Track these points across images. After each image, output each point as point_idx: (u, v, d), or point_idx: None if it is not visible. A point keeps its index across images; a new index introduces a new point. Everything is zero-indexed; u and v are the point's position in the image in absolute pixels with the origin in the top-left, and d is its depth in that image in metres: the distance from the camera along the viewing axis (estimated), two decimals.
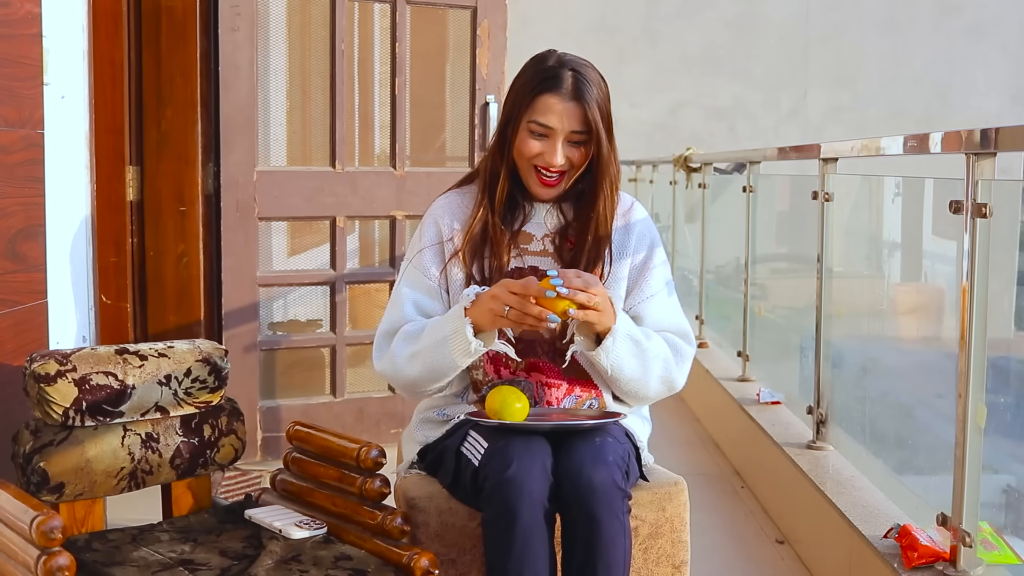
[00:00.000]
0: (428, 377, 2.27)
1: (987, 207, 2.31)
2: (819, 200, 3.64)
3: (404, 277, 2.40)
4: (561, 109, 2.26)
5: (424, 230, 2.41)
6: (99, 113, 3.44)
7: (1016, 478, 3.86)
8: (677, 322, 2.39)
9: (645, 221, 2.44)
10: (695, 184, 6.54)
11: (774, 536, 3.57)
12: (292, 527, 2.15)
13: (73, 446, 2.11)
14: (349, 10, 4.16)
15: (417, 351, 2.26)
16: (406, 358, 2.28)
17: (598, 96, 2.28)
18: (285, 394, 4.23)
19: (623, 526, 2.05)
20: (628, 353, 2.23)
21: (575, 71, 2.28)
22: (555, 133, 2.27)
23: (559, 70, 2.28)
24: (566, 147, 2.28)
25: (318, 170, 4.15)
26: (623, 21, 11.48)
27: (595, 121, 2.26)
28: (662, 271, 2.40)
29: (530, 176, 2.32)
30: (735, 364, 5.12)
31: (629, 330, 2.24)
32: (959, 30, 11.74)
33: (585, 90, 2.26)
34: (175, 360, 2.26)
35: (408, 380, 2.30)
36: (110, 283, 3.74)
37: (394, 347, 2.31)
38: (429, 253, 2.37)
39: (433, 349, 2.23)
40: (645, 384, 2.29)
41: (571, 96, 2.26)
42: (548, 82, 2.27)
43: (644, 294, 2.36)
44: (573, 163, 2.30)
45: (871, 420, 3.66)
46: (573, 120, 2.26)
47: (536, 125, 2.27)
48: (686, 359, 2.36)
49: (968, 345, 2.40)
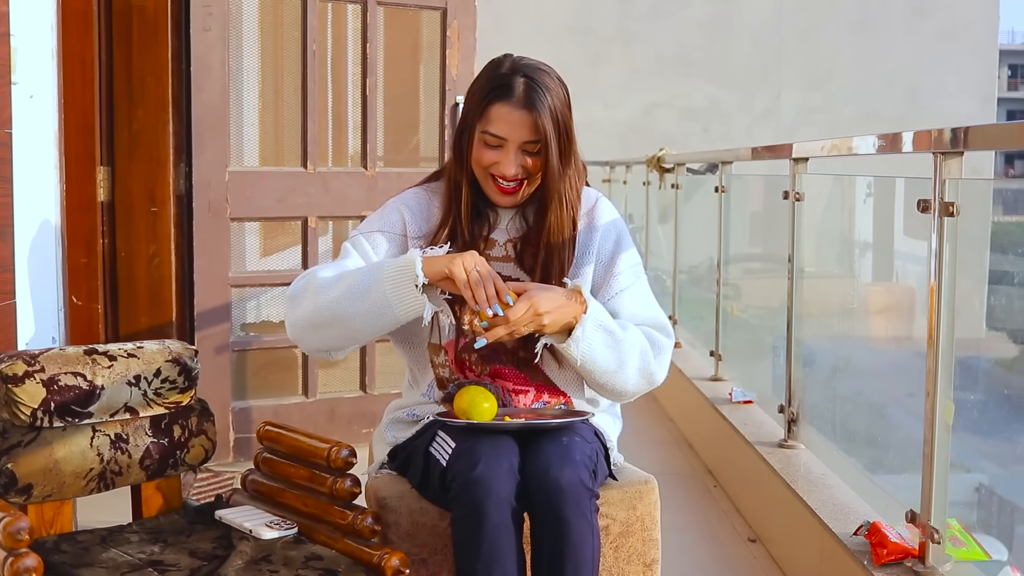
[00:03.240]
0: (346, 303, 2.12)
1: (955, 206, 2.33)
2: (790, 200, 3.66)
3: (352, 241, 2.32)
4: (512, 119, 2.20)
5: (387, 214, 2.36)
6: (69, 113, 3.43)
7: (988, 476, 3.89)
8: (653, 315, 2.33)
9: (608, 213, 2.38)
10: (668, 185, 6.56)
11: (746, 535, 3.59)
12: (262, 527, 2.14)
13: (41, 447, 2.10)
14: (321, 10, 4.16)
15: (346, 271, 2.17)
16: (331, 274, 2.17)
17: (552, 102, 2.21)
18: (257, 395, 4.22)
19: (591, 526, 2.04)
20: (601, 343, 2.17)
21: (528, 77, 2.21)
22: (507, 143, 2.21)
23: (511, 77, 2.21)
24: (520, 156, 2.22)
25: (290, 170, 4.14)
26: (597, 22, 11.50)
27: (544, 130, 2.19)
28: (631, 263, 2.35)
29: (488, 184, 2.28)
30: (708, 364, 5.13)
31: (601, 320, 2.18)
32: (931, 32, 11.83)
33: (537, 98, 2.19)
34: (144, 360, 2.25)
35: (321, 301, 2.14)
36: (81, 284, 3.72)
37: (319, 267, 2.22)
38: (382, 238, 2.32)
39: (367, 270, 2.14)
40: (622, 377, 2.23)
41: (522, 104, 2.19)
42: (499, 90, 2.21)
43: (613, 290, 2.31)
44: (529, 171, 2.24)
45: (842, 419, 3.68)
46: (524, 130, 2.20)
47: (488, 136, 2.22)
48: (664, 351, 2.30)
49: (936, 344, 2.42)
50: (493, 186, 2.27)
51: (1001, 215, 3.36)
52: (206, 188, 3.93)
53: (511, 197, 2.28)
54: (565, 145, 2.25)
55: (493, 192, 2.28)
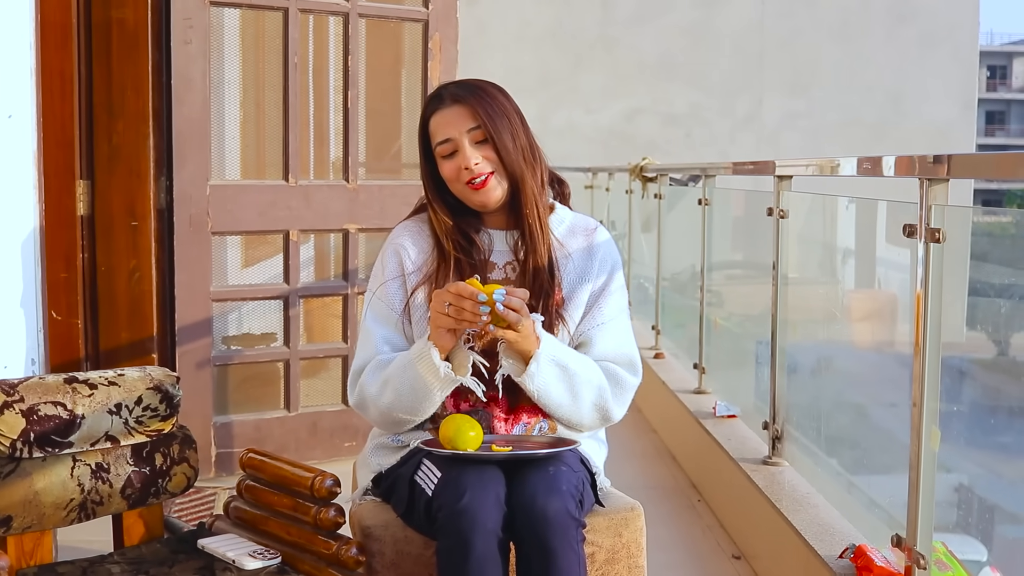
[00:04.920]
0: (402, 403, 2.25)
1: (941, 232, 2.32)
2: (774, 217, 3.65)
3: (370, 310, 2.38)
4: (447, 118, 2.30)
5: (386, 261, 2.40)
6: (48, 127, 3.39)
7: (968, 476, 3.90)
8: (627, 351, 2.38)
9: (608, 244, 2.43)
10: (651, 194, 6.55)
11: (731, 551, 3.58)
12: (246, 557, 2.12)
13: (21, 478, 2.07)
14: (303, 22, 4.13)
15: (387, 377, 2.26)
16: (378, 386, 2.28)
17: (482, 92, 2.32)
18: (239, 409, 4.19)
19: (577, 556, 2.03)
20: (554, 378, 2.23)
21: (454, 84, 2.37)
22: (455, 141, 2.30)
23: (440, 91, 2.36)
24: (473, 149, 2.29)
25: (271, 183, 4.11)
26: (579, 28, 11.50)
27: (478, 112, 2.28)
28: (619, 297, 2.39)
29: (465, 194, 2.33)
30: (691, 376, 5.12)
31: (554, 355, 2.23)
32: (912, 38, 11.88)
33: (463, 94, 2.31)
34: (126, 388, 2.22)
35: (382, 409, 2.29)
36: (60, 299, 3.68)
37: (364, 378, 2.31)
38: (393, 286, 2.37)
39: (402, 373, 2.23)
40: (577, 411, 2.29)
41: (451, 102, 2.31)
42: (430, 104, 2.35)
43: (596, 320, 2.35)
44: (490, 160, 2.30)
45: (827, 437, 3.67)
46: (462, 120, 2.30)
47: (440, 146, 2.32)
48: (626, 390, 2.35)
49: (922, 362, 2.41)
50: (469, 191, 2.31)
51: (981, 215, 3.37)
52: (187, 202, 3.90)
53: (486, 191, 2.31)
54: (508, 125, 2.31)
55: (471, 196, 2.32)
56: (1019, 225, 4.05)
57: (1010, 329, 3.88)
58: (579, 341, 2.36)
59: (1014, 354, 4.13)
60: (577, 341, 2.36)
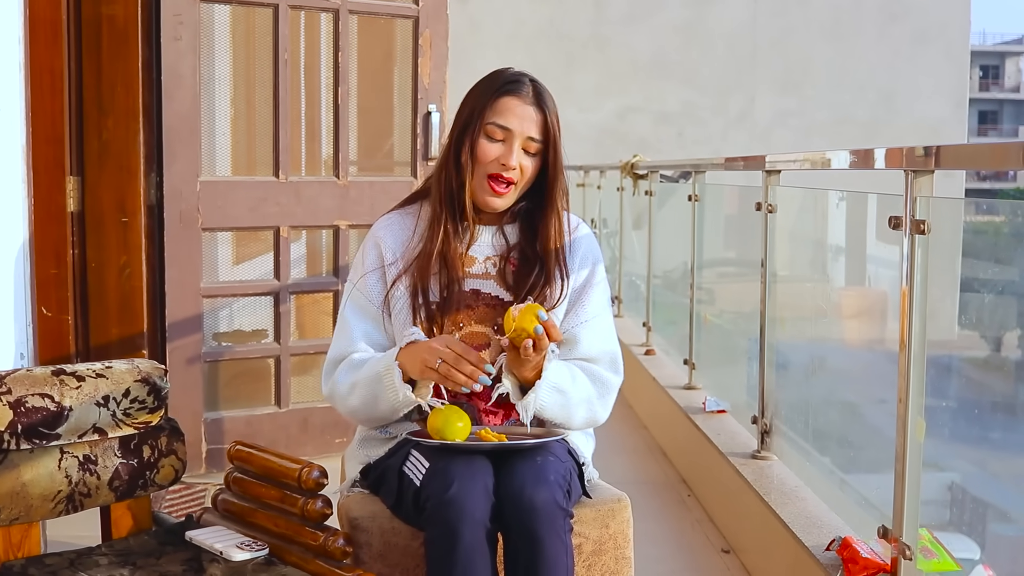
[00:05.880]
0: (368, 409, 2.30)
1: (926, 224, 2.33)
2: (763, 211, 3.66)
3: (349, 302, 2.39)
4: (521, 112, 2.29)
5: (366, 253, 2.40)
6: (37, 123, 3.39)
7: (960, 475, 3.91)
8: (610, 349, 2.39)
9: (588, 239, 2.44)
10: (642, 191, 6.56)
11: (720, 545, 3.59)
12: (233, 549, 2.12)
13: (8, 470, 2.07)
14: (293, 19, 4.13)
15: (356, 381, 2.29)
16: (347, 387, 2.31)
17: (554, 110, 2.33)
18: (229, 405, 4.19)
19: (565, 545, 2.04)
20: (552, 403, 2.26)
21: (534, 81, 2.34)
22: (512, 136, 2.28)
23: (520, 77, 2.33)
24: (520, 155, 2.29)
25: (262, 180, 4.12)
26: (572, 26, 11.51)
27: (552, 127, 2.30)
28: (601, 292, 2.41)
29: (482, 185, 2.31)
30: (682, 371, 5.13)
31: (555, 382, 2.25)
32: (904, 36, 11.89)
33: (545, 98, 2.32)
34: (113, 380, 2.22)
35: (350, 409, 2.34)
36: (50, 295, 3.68)
37: (337, 375, 2.34)
38: (372, 277, 2.37)
39: (369, 383, 2.27)
40: (567, 423, 2.33)
41: (532, 101, 2.30)
42: (510, 85, 2.31)
43: (580, 317, 2.37)
44: (524, 172, 2.31)
45: (814, 431, 3.68)
46: (531, 125, 2.29)
47: (494, 127, 2.29)
48: (610, 391, 2.38)
49: (907, 361, 2.42)
50: (488, 186, 2.31)
51: (974, 215, 3.38)
52: (177, 198, 3.91)
53: (501, 199, 2.32)
54: (559, 156, 2.34)
55: (485, 193, 2.32)
56: (1011, 223, 4.06)
57: (1003, 327, 3.89)
58: (564, 339, 2.36)
59: (1006, 352, 4.15)
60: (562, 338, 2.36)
